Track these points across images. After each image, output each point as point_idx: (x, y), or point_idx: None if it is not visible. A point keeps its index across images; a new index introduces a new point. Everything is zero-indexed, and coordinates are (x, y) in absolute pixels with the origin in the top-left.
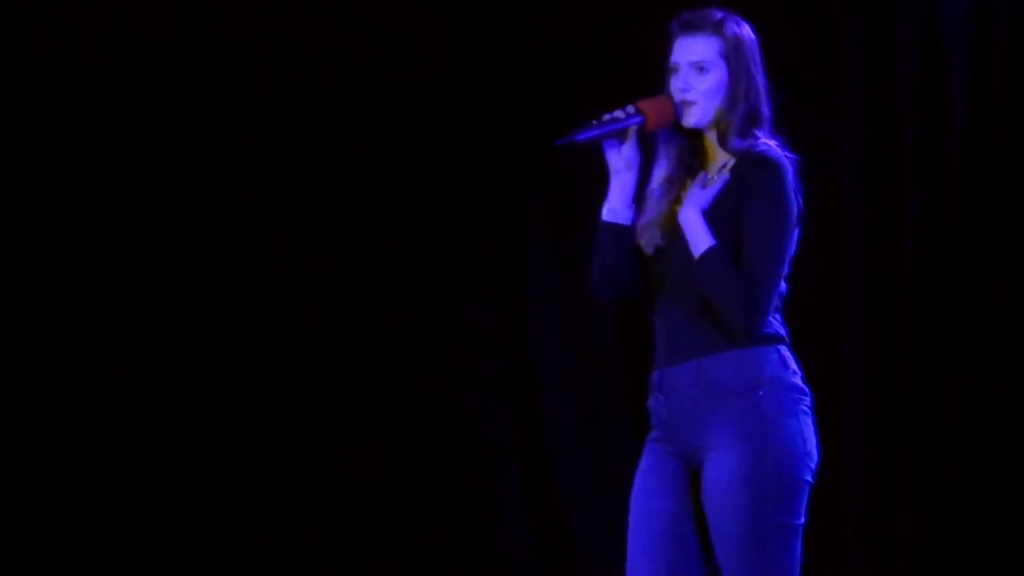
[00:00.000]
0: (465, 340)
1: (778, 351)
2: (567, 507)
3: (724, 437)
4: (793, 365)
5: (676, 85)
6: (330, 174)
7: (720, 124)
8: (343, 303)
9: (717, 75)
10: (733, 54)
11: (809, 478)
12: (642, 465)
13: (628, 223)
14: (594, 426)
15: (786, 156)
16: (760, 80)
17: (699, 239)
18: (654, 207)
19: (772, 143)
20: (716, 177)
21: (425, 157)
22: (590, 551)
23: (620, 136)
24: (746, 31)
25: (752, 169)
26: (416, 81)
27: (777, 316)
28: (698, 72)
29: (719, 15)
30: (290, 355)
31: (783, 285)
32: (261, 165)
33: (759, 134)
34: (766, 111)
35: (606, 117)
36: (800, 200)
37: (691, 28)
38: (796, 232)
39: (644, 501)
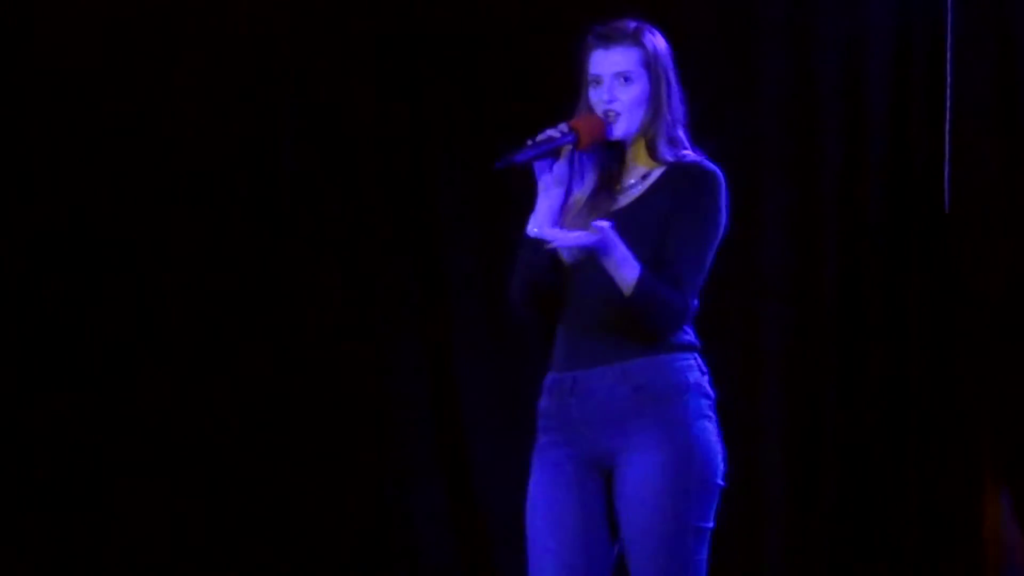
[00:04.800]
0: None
1: (696, 358)
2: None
3: (649, 440)
4: (707, 371)
5: (599, 97)
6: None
7: (647, 134)
8: (262, 310)
9: (640, 85)
10: (653, 63)
11: (721, 482)
12: (541, 476)
13: None
14: (518, 435)
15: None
16: (678, 88)
17: (625, 268)
18: (576, 219)
19: (694, 154)
20: (637, 183)
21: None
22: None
23: (554, 155)
24: (661, 41)
25: (687, 179)
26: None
27: (691, 326)
28: (622, 83)
29: (634, 25)
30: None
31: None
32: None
33: (684, 143)
34: (685, 119)
35: (540, 137)
36: (728, 214)
37: (609, 40)
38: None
39: (554, 516)
